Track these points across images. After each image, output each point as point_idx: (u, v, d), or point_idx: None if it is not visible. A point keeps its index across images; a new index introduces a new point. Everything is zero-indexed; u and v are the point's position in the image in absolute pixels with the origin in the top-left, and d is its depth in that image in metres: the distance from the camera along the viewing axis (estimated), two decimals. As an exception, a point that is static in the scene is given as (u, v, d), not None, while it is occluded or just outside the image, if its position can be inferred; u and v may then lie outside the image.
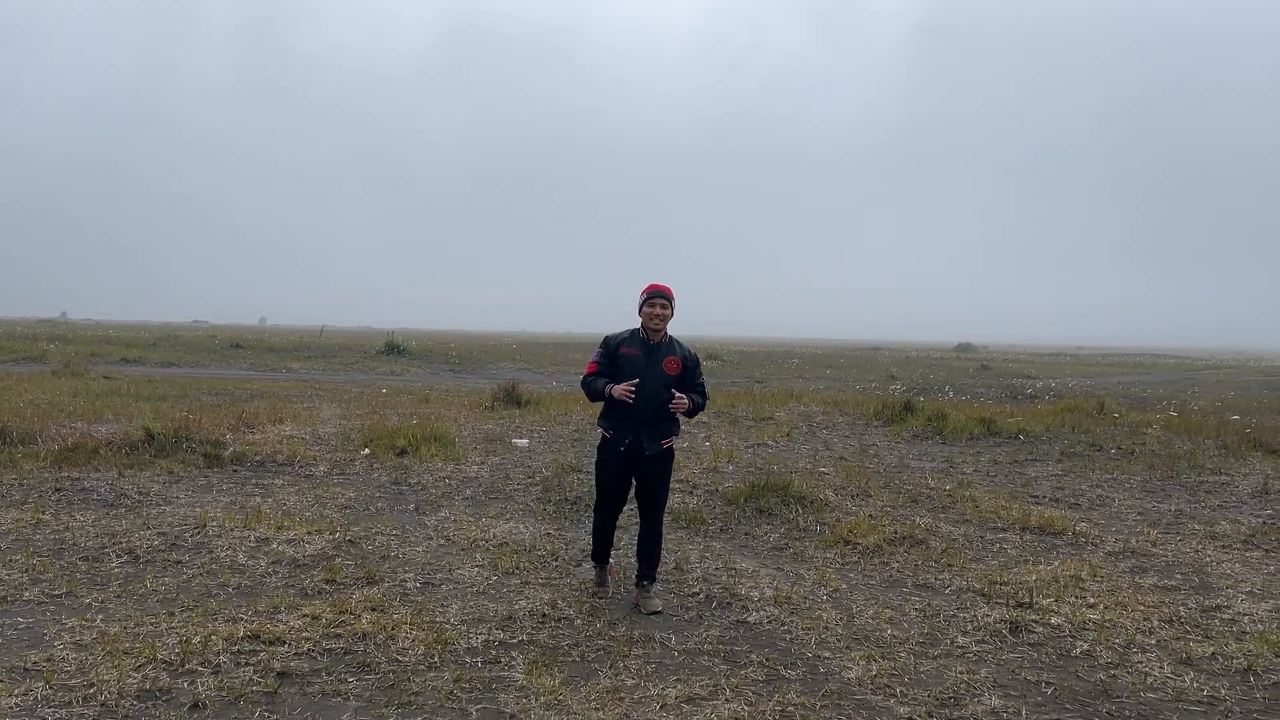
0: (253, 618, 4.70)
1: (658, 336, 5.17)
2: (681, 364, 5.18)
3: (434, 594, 5.30)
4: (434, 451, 9.38)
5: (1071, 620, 5.13)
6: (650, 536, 5.31)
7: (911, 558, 6.45)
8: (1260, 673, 4.47)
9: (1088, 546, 6.88)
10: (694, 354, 5.33)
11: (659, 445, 5.16)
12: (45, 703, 3.69)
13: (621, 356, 5.15)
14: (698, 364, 5.33)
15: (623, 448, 5.13)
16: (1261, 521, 7.72)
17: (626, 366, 5.11)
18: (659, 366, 5.12)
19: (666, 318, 5.14)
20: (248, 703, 3.77)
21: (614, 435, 5.16)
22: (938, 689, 4.18)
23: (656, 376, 5.09)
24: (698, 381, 5.29)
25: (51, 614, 4.72)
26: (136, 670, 3.99)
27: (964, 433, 12.16)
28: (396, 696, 3.89)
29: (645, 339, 5.17)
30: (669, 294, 5.16)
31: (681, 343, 5.31)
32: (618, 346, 5.19)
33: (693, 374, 5.26)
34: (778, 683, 4.22)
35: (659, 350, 5.15)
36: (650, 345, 5.16)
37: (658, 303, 5.12)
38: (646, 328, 5.17)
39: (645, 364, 5.10)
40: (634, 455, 5.15)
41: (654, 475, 5.23)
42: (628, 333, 5.25)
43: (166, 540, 6.06)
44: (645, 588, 5.28)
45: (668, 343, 5.21)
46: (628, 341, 5.19)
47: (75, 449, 8.64)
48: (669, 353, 5.17)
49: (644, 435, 5.10)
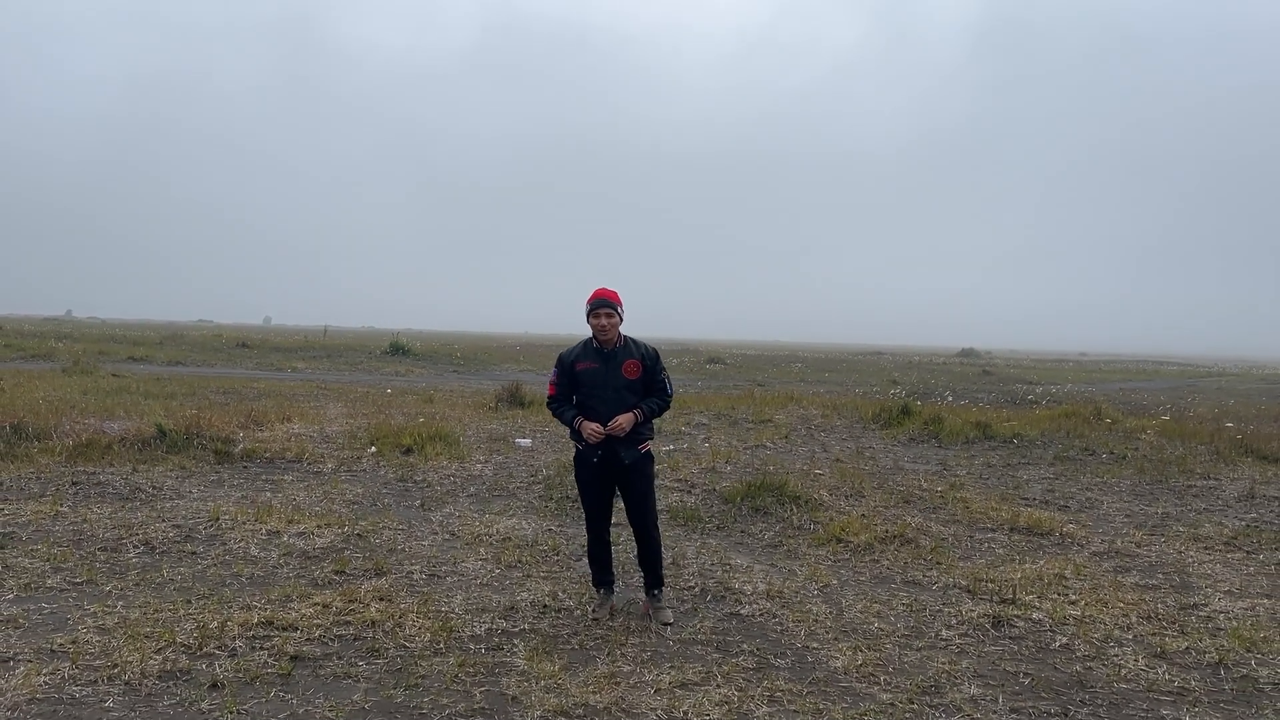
0: (266, 605, 4.92)
1: (610, 344, 5.05)
2: (641, 365, 5.04)
3: (439, 585, 5.52)
4: (439, 450, 9.60)
5: (1052, 616, 5.33)
6: (646, 545, 5.19)
7: (901, 556, 6.65)
8: (1231, 666, 4.66)
9: (1074, 547, 7.07)
10: (653, 350, 5.17)
11: (636, 451, 5.03)
12: (72, 681, 3.91)
13: (579, 372, 5.04)
14: (658, 359, 5.15)
15: (596, 459, 5.00)
16: (1244, 525, 7.91)
17: (586, 381, 5.01)
18: (618, 373, 4.99)
19: (615, 324, 5.01)
20: (263, 684, 3.99)
21: (586, 449, 5.03)
22: (920, 678, 4.38)
23: (618, 384, 4.97)
24: (659, 379, 5.10)
25: (74, 600, 4.95)
26: (157, 653, 4.21)
27: (960, 436, 12.35)
28: (404, 679, 4.10)
29: (599, 348, 5.05)
30: (613, 300, 5.02)
31: (638, 341, 5.16)
32: (573, 364, 5.07)
33: (653, 373, 5.08)
34: (767, 670, 4.43)
35: (615, 357, 5.02)
36: (605, 354, 5.03)
37: (602, 312, 4.97)
38: (597, 338, 5.04)
39: (604, 374, 4.99)
40: (611, 466, 5.02)
41: (636, 483, 5.08)
42: (580, 346, 5.14)
43: (181, 532, 6.28)
44: (655, 596, 5.23)
45: (623, 346, 5.07)
46: (581, 356, 5.07)
47: (89, 444, 8.86)
48: (626, 356, 5.04)
49: (618, 445, 4.97)
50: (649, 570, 5.24)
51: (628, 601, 5.37)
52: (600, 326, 4.98)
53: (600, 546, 5.26)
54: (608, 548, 5.31)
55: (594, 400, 5.00)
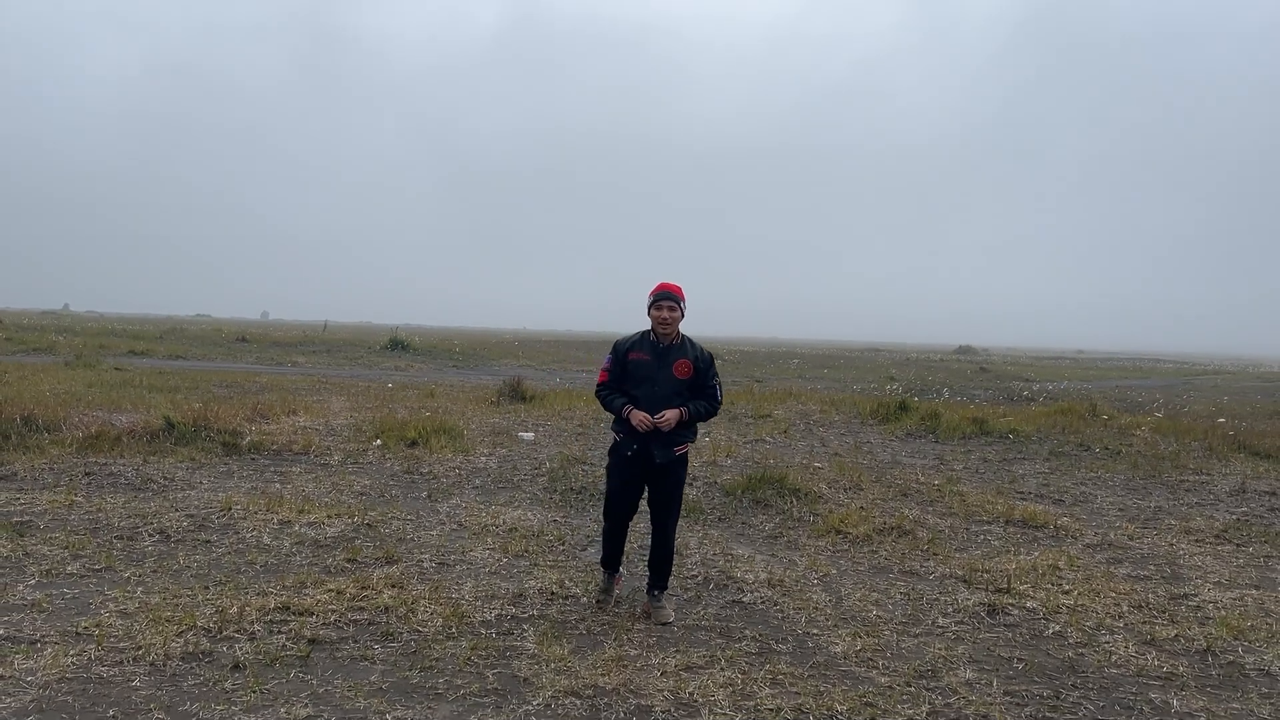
0: (281, 591, 5.06)
1: (668, 339, 5.01)
2: (693, 366, 5.00)
3: (449, 573, 5.66)
4: (443, 443, 9.74)
5: (1046, 605, 5.48)
6: (662, 546, 5.14)
7: (899, 547, 6.80)
8: (1218, 653, 4.81)
9: (1068, 539, 7.23)
10: (708, 354, 5.14)
11: (671, 452, 4.97)
12: (99, 662, 4.05)
13: (631, 362, 5.01)
14: (711, 364, 5.12)
15: (630, 452, 4.98)
16: (1235, 518, 8.08)
17: (636, 372, 4.99)
18: (669, 370, 4.96)
19: (675, 319, 4.98)
20: (283, 665, 4.13)
21: (623, 439, 5.03)
22: (917, 663, 4.53)
23: (667, 381, 4.94)
24: (709, 384, 5.08)
25: (94, 586, 5.08)
26: (179, 635, 4.35)
27: (956, 432, 12.51)
28: (419, 661, 4.24)
29: (655, 342, 5.03)
30: (678, 294, 4.99)
31: (695, 343, 5.13)
32: (626, 352, 5.05)
33: (705, 376, 5.05)
34: (769, 655, 4.57)
35: (669, 353, 4.99)
36: (660, 348, 5.00)
37: (665, 304, 4.95)
38: (655, 330, 5.04)
39: (655, 368, 4.96)
40: (643, 462, 4.99)
41: (665, 484, 5.05)
42: (637, 335, 5.11)
43: (195, 522, 6.42)
44: (656, 597, 5.16)
45: (679, 344, 5.04)
46: (637, 346, 5.05)
47: (98, 436, 8.99)
48: (680, 355, 5.00)
49: (654, 443, 4.93)
50: (656, 571, 5.18)
51: (632, 590, 5.51)
52: (661, 319, 4.96)
53: (616, 535, 5.24)
54: (624, 536, 5.31)
55: (639, 392, 4.97)
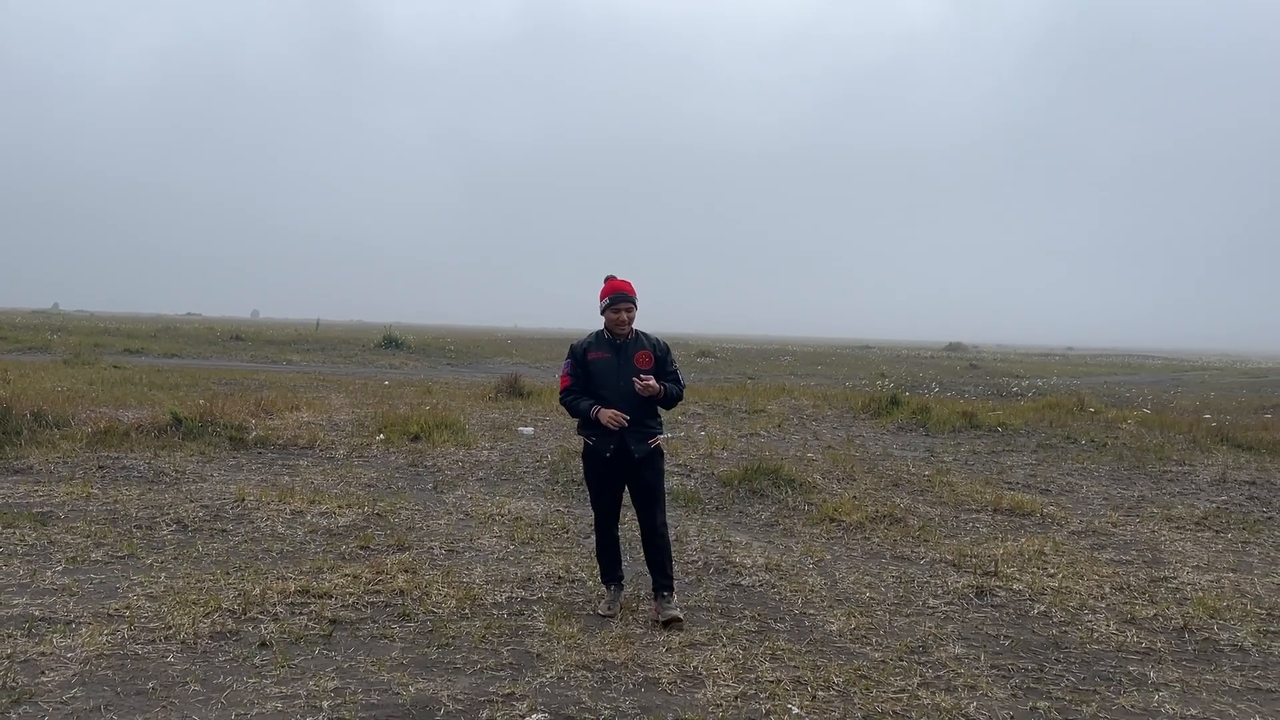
0: (299, 576, 5.27)
1: (623, 335, 5.05)
2: (653, 355, 5.05)
3: (459, 559, 5.88)
4: (445, 438, 9.94)
5: (1032, 587, 5.74)
6: (654, 543, 5.07)
7: (891, 534, 7.05)
8: (1194, 630, 5.07)
9: (1053, 526, 7.49)
10: (663, 343, 5.19)
11: (646, 445, 5.00)
12: (132, 640, 4.26)
13: (591, 362, 5.02)
14: (668, 352, 5.16)
15: (608, 453, 4.96)
16: (1215, 506, 8.36)
17: (598, 372, 5.00)
18: (631, 364, 4.98)
19: (630, 319, 5.04)
20: (308, 643, 4.34)
21: (598, 441, 4.98)
22: (908, 639, 4.77)
23: (631, 374, 4.94)
24: (670, 370, 5.11)
25: (119, 572, 5.29)
26: (206, 616, 4.56)
27: (946, 425, 12.76)
28: (436, 639, 4.47)
29: (611, 339, 5.06)
30: (632, 294, 5.03)
31: (648, 334, 5.16)
32: (585, 353, 5.06)
33: (665, 363, 5.09)
34: (768, 633, 4.81)
35: (628, 347, 5.02)
36: (617, 344, 5.03)
37: (622, 307, 4.99)
38: (610, 329, 5.07)
39: (617, 364, 4.98)
40: (622, 460, 4.98)
41: (646, 477, 5.04)
42: (592, 336, 5.14)
43: (210, 512, 6.62)
44: (665, 598, 5.00)
45: (634, 338, 5.07)
46: (594, 346, 5.06)
47: (108, 432, 9.16)
48: (638, 347, 5.03)
49: (629, 437, 4.93)
50: (657, 571, 5.06)
51: (635, 574, 5.73)
52: (619, 320, 5.00)
53: (608, 543, 5.23)
54: (616, 544, 5.28)
55: (605, 390, 4.98)
